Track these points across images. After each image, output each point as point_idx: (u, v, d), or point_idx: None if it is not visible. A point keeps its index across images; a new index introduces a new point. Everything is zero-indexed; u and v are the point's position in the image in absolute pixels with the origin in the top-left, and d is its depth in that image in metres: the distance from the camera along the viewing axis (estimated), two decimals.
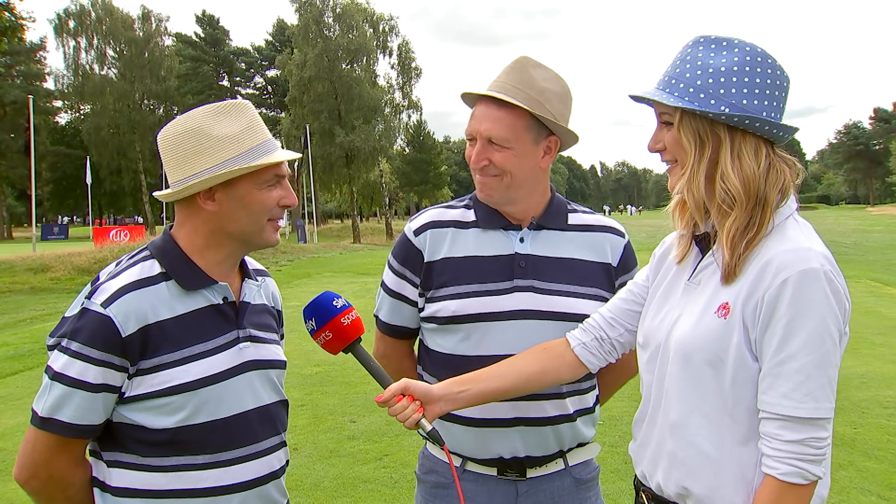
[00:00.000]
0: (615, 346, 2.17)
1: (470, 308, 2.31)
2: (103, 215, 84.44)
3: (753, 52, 1.81)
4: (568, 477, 2.42)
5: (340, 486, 5.70)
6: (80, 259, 23.74)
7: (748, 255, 1.78)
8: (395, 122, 59.35)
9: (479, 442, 2.34)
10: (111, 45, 62.20)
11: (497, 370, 2.15)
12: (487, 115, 2.28)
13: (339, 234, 58.39)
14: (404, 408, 2.02)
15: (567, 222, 2.45)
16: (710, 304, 1.82)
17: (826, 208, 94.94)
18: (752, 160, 1.79)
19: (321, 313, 2.09)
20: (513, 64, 2.33)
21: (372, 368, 2.11)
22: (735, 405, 1.77)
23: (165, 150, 2.02)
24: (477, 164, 2.30)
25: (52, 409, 1.90)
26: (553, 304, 2.31)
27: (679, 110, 1.82)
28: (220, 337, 2.04)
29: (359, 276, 21.60)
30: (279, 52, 69.78)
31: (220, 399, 2.00)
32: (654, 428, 1.96)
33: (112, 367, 1.89)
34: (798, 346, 1.68)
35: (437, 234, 2.41)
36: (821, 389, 1.69)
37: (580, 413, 2.40)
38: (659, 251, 2.15)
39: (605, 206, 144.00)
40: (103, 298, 1.91)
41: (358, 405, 7.82)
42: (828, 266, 1.72)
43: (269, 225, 2.07)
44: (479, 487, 2.38)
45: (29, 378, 9.38)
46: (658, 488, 1.94)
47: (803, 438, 1.68)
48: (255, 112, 2.08)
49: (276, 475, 2.14)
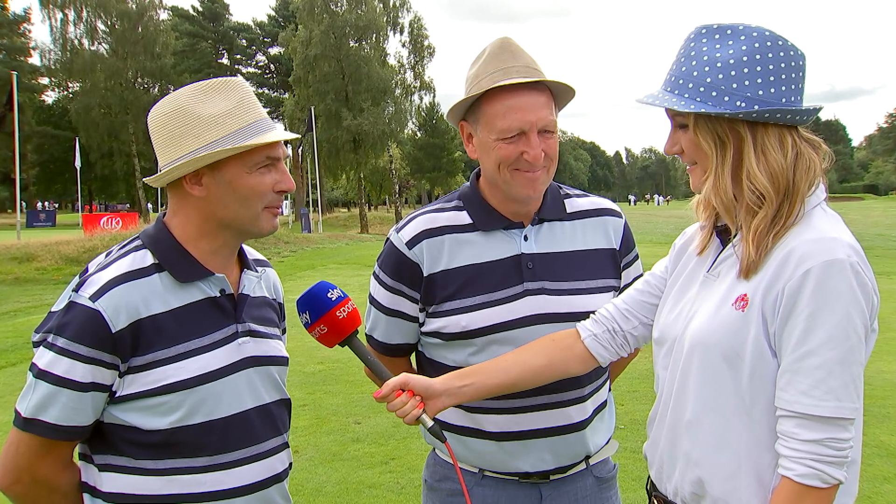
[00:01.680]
0: (628, 339, 2.19)
1: (480, 321, 2.31)
2: (93, 201, 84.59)
3: (761, 36, 1.81)
4: (590, 476, 2.45)
5: (344, 492, 5.74)
6: (68, 248, 23.79)
7: (773, 247, 1.78)
8: (406, 104, 59.36)
9: (503, 456, 2.36)
10: (102, 18, 62.07)
11: (502, 363, 2.17)
12: (536, 102, 2.24)
13: (346, 223, 58.36)
14: (403, 403, 2.04)
15: (566, 211, 2.45)
16: (727, 297, 1.83)
17: (874, 199, 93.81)
18: (778, 152, 1.80)
19: (315, 306, 2.10)
20: (506, 47, 2.30)
21: (369, 362, 2.14)
22: (753, 403, 1.78)
23: (153, 132, 2.02)
24: (539, 160, 2.24)
25: (37, 410, 1.90)
26: (567, 305, 2.32)
27: (692, 113, 1.82)
28: (218, 332, 2.05)
29: (366, 268, 21.61)
30: (283, 28, 69.79)
31: (217, 398, 2.01)
32: (664, 426, 1.98)
33: (101, 364, 1.90)
34: (820, 340, 1.68)
35: (434, 243, 2.37)
36: (843, 388, 1.68)
37: (597, 411, 2.43)
38: (679, 242, 2.16)
39: (631, 195, 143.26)
40: (92, 291, 1.92)
41: (363, 406, 7.86)
42: (855, 257, 1.71)
43: (264, 212, 2.05)
44: (501, 493, 2.40)
45: (12, 375, 9.47)
46: (674, 492, 1.96)
47: (822, 438, 1.68)
48: (248, 89, 2.06)
49: (279, 478, 2.15)
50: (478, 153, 2.34)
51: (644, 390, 7.80)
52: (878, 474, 5.81)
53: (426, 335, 2.43)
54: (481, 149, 2.32)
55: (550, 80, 2.26)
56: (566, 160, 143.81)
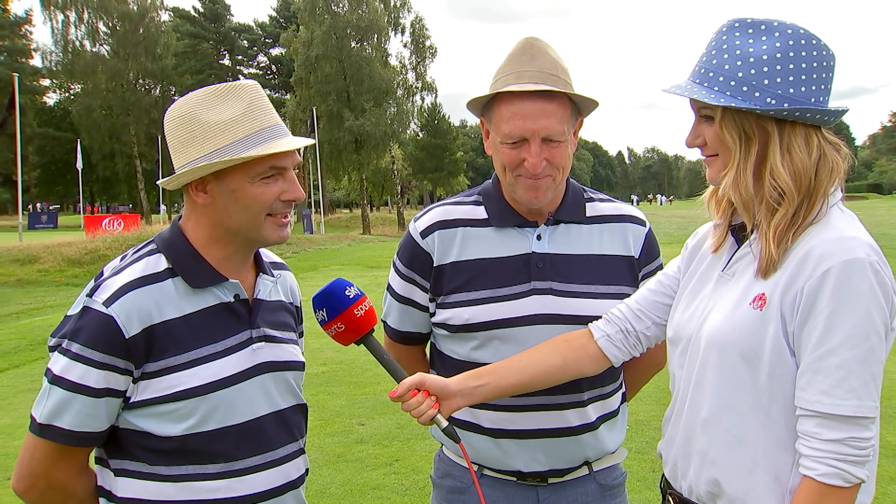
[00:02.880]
0: (641, 339, 2.19)
1: (484, 315, 2.31)
2: (95, 203, 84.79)
3: (796, 34, 1.80)
4: (592, 483, 2.43)
5: (348, 493, 5.75)
6: (70, 249, 23.80)
7: (791, 246, 1.79)
8: (408, 104, 59.27)
9: (498, 452, 2.37)
10: (103, 19, 62.11)
11: (517, 363, 2.18)
12: (541, 111, 2.21)
13: (348, 224, 58.34)
14: (419, 403, 2.04)
15: (585, 214, 2.43)
16: (744, 296, 1.83)
17: (878, 198, 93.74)
18: (804, 151, 1.80)
19: (333, 303, 2.09)
20: (528, 49, 2.28)
21: (385, 361, 2.13)
22: (771, 402, 1.79)
23: (167, 135, 2.02)
24: (537, 169, 2.23)
25: (52, 416, 1.91)
26: (573, 307, 2.31)
27: (720, 107, 1.82)
28: (232, 337, 2.04)
29: (369, 269, 21.63)
30: (284, 28, 69.97)
31: (231, 404, 2.00)
32: (680, 424, 1.99)
33: (115, 370, 1.90)
34: (840, 340, 1.68)
35: (446, 234, 2.39)
36: (864, 387, 1.69)
37: (603, 419, 2.41)
38: (692, 242, 2.17)
39: (633, 195, 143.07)
40: (105, 296, 1.91)
41: (367, 407, 7.87)
42: (874, 256, 1.72)
43: (268, 221, 2.02)
44: (498, 493, 2.40)
45: (15, 377, 9.48)
46: (689, 490, 1.96)
47: (844, 438, 1.68)
48: (260, 94, 2.03)
49: (294, 485, 2.15)
50: (491, 151, 2.36)
51: (650, 391, 7.76)
52: (885, 475, 5.79)
53: (436, 326, 2.45)
54: (492, 148, 2.33)
55: (559, 90, 2.22)
56: None
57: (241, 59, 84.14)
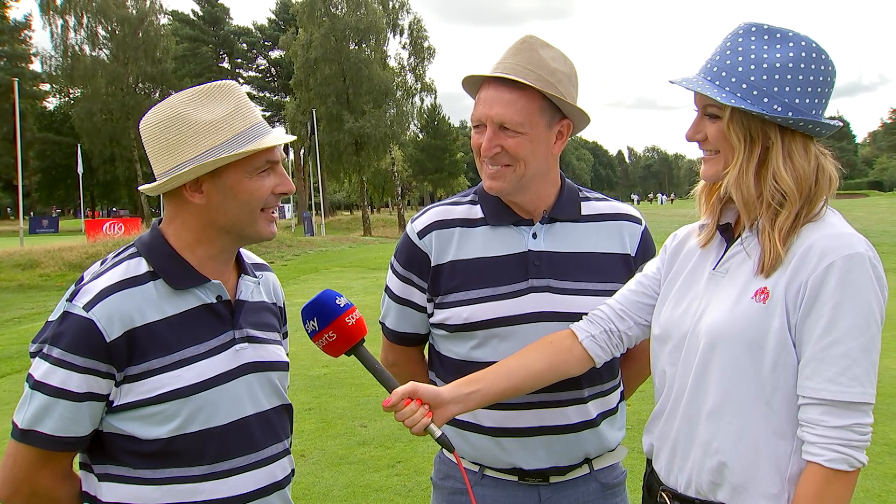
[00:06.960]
0: (623, 339, 2.23)
1: (483, 314, 2.32)
2: (96, 207, 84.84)
3: (809, 46, 1.87)
4: (594, 482, 2.44)
5: (350, 495, 5.74)
6: (71, 254, 23.88)
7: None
8: (407, 106, 59.51)
9: (498, 451, 2.36)
10: (102, 23, 62.17)
11: (506, 368, 2.18)
12: (498, 98, 2.25)
13: (349, 226, 58.45)
14: (412, 412, 2.03)
15: (581, 213, 2.45)
16: (744, 291, 1.90)
17: (879, 195, 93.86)
18: (804, 159, 1.88)
19: (323, 313, 2.07)
20: (518, 44, 2.32)
21: (376, 371, 2.12)
22: (773, 393, 1.85)
23: (148, 140, 2.00)
24: (488, 153, 2.27)
25: (34, 421, 1.90)
26: (571, 305, 2.32)
27: (729, 106, 1.87)
28: (214, 339, 2.04)
29: (370, 270, 21.63)
30: (283, 31, 70.11)
31: (215, 405, 2.00)
32: (676, 419, 2.02)
33: (97, 374, 1.89)
34: (844, 329, 1.77)
35: (443, 234, 2.40)
36: (866, 374, 1.78)
37: (604, 416, 2.41)
38: (671, 243, 2.23)
39: (634, 194, 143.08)
40: (86, 300, 1.91)
41: (369, 408, 7.86)
42: (871, 252, 1.82)
43: (262, 216, 2.05)
44: (499, 493, 2.40)
45: (16, 382, 9.46)
46: (686, 483, 1.99)
47: (849, 424, 1.76)
48: (243, 93, 2.06)
49: (280, 485, 2.14)
50: None
51: (651, 390, 7.76)
52: (889, 472, 5.79)
53: (434, 326, 2.45)
54: None
55: (522, 82, 2.23)
56: (568, 160, 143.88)
57: (241, 62, 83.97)
